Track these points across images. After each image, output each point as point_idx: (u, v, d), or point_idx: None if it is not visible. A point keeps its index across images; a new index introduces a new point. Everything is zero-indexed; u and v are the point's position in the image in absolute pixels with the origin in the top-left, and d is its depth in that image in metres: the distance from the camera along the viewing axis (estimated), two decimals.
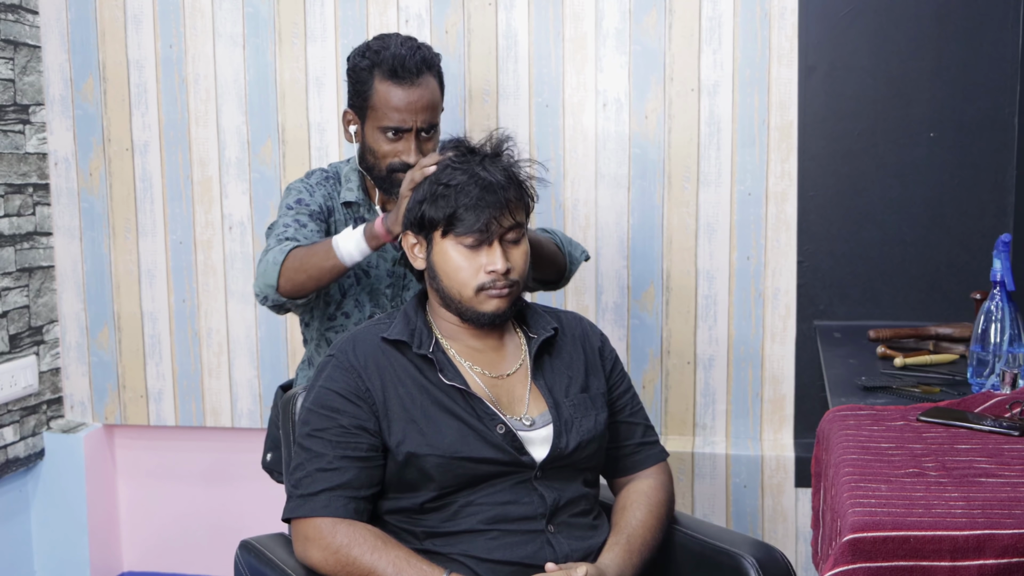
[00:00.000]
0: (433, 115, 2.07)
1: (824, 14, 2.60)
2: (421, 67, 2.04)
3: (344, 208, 2.16)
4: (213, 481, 3.06)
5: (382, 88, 2.04)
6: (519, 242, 1.72)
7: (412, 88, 2.03)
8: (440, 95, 2.09)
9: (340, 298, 2.16)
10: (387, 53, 2.04)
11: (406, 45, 2.06)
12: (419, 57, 2.04)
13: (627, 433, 1.86)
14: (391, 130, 2.05)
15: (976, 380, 1.87)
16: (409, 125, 2.04)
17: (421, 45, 2.09)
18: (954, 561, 1.26)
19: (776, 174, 2.65)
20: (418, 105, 2.04)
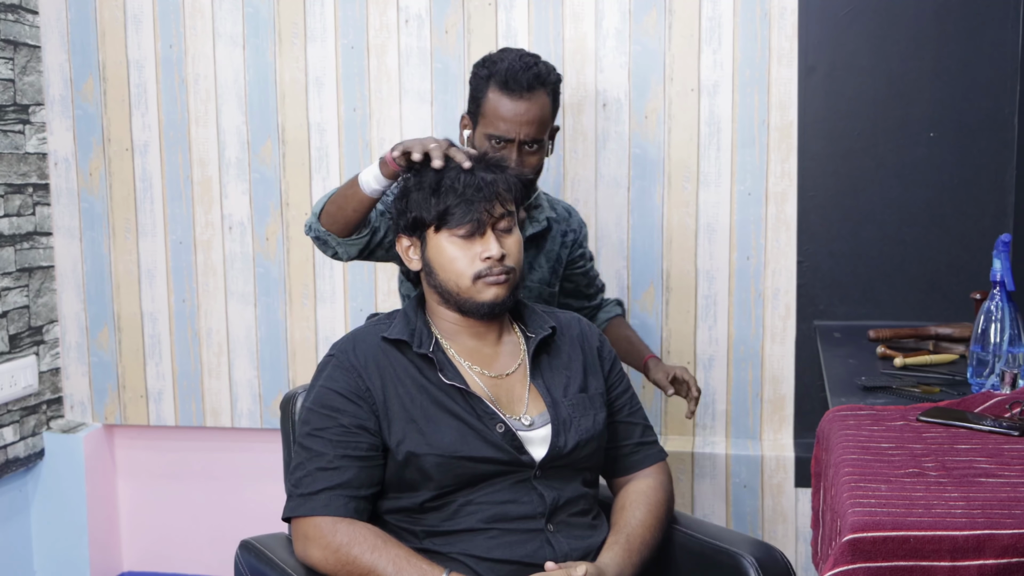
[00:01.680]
0: (539, 130, 2.10)
1: (824, 14, 2.60)
2: (533, 83, 2.08)
3: None
4: (213, 481, 3.06)
5: (493, 98, 2.10)
6: (512, 231, 1.74)
7: (520, 101, 2.08)
8: (550, 113, 2.13)
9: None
10: (503, 65, 2.10)
11: (523, 60, 2.11)
12: (532, 73, 2.09)
13: (626, 433, 1.87)
14: (496, 138, 2.10)
15: (976, 380, 1.87)
16: (512, 136, 2.09)
17: (539, 63, 2.13)
18: (954, 561, 1.26)
19: (776, 174, 2.65)
20: (524, 118, 2.08)
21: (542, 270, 2.27)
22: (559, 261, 2.29)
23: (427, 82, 2.77)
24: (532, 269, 2.26)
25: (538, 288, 2.27)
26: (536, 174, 2.16)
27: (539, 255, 2.26)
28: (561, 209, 2.32)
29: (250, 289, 2.92)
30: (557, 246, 2.29)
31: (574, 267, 2.33)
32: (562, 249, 2.29)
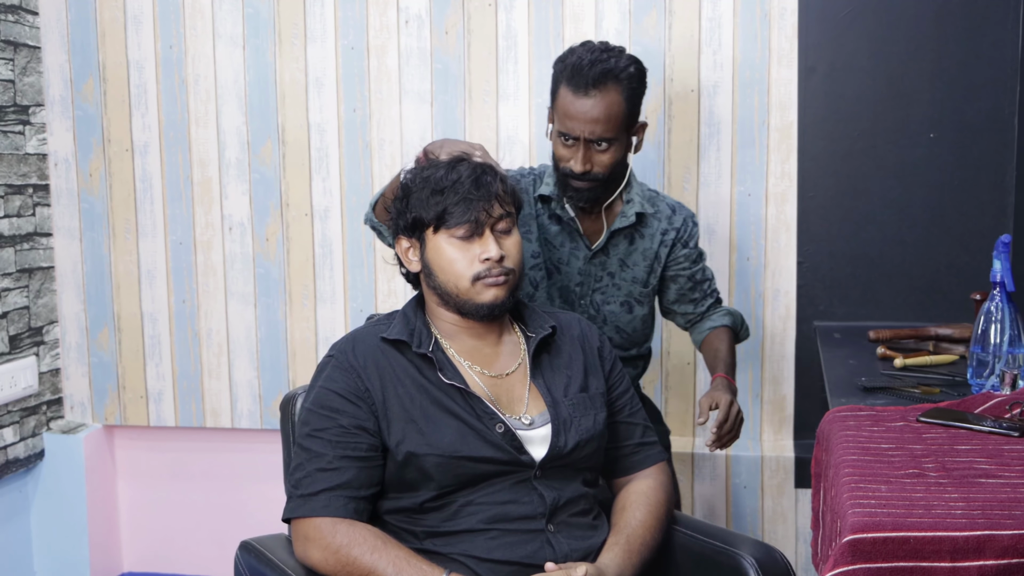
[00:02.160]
0: (608, 129, 2.04)
1: (824, 15, 2.60)
2: (599, 79, 2.01)
3: (538, 201, 2.19)
4: (213, 482, 3.06)
5: (563, 94, 2.05)
6: (511, 232, 1.74)
7: (584, 98, 2.02)
8: (623, 110, 2.05)
9: (532, 291, 2.20)
10: (571, 59, 2.05)
11: (592, 54, 2.04)
12: (598, 70, 2.01)
13: (626, 433, 1.87)
14: (564, 135, 2.07)
15: (976, 381, 1.87)
16: (577, 134, 2.04)
17: (612, 57, 2.04)
18: (954, 562, 1.26)
19: (776, 175, 2.65)
20: (587, 116, 2.02)
21: (636, 268, 2.21)
22: (657, 259, 2.21)
23: (427, 82, 2.77)
24: (624, 267, 2.20)
25: (628, 287, 2.21)
26: (609, 172, 2.09)
27: (632, 252, 2.20)
28: (664, 206, 2.22)
29: (250, 290, 2.92)
30: (656, 244, 2.20)
31: (676, 267, 2.23)
32: (661, 247, 2.21)
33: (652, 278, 2.23)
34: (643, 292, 2.23)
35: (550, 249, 2.20)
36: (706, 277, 2.28)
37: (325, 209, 2.85)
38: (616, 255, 2.20)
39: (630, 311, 2.23)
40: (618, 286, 2.20)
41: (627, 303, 2.22)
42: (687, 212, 2.25)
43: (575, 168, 2.07)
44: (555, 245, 2.20)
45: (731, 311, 2.29)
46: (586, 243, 2.18)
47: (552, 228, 2.19)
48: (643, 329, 2.26)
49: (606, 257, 2.20)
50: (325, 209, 2.85)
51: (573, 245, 2.18)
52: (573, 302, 2.21)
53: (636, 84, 2.08)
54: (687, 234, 2.22)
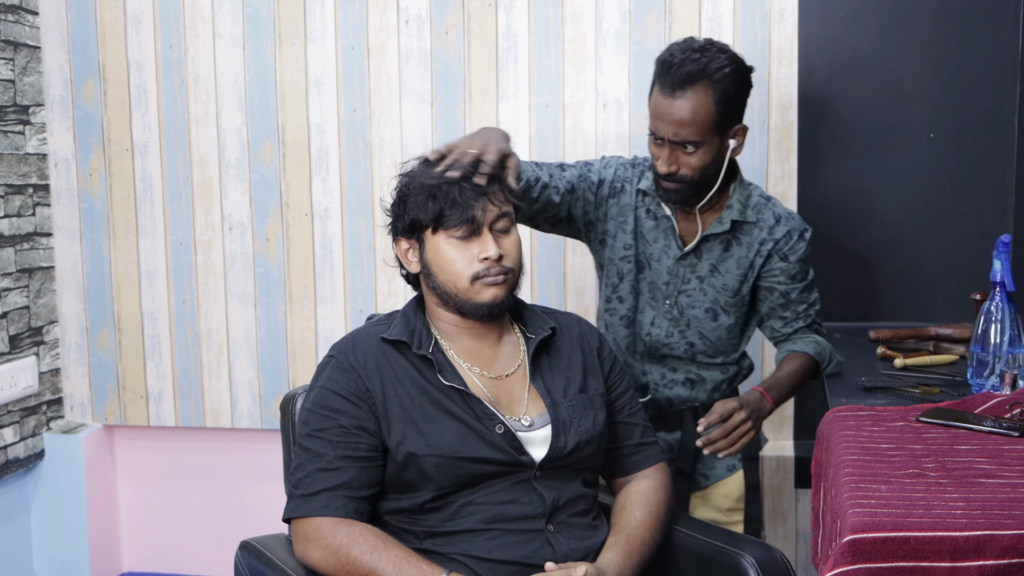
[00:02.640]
0: (692, 131, 1.96)
1: (824, 14, 2.60)
2: (686, 79, 1.94)
3: (638, 194, 2.13)
4: (213, 482, 3.06)
5: (654, 92, 2.00)
6: (509, 232, 1.74)
7: (671, 99, 1.95)
8: (713, 111, 1.96)
9: (618, 281, 2.17)
10: (665, 56, 1.98)
11: (682, 54, 1.96)
12: (686, 70, 1.93)
13: (626, 433, 1.87)
14: (653, 134, 2.01)
15: (976, 381, 1.87)
16: (663, 134, 1.98)
17: (701, 57, 1.95)
18: (954, 562, 1.26)
19: (776, 175, 2.65)
20: (672, 117, 1.95)
21: (728, 275, 2.11)
22: (751, 269, 2.11)
23: (427, 83, 2.77)
24: (715, 272, 2.11)
25: (716, 293, 2.11)
26: (698, 175, 2.01)
27: (727, 259, 2.11)
28: (769, 215, 2.11)
29: (250, 290, 2.92)
30: (752, 253, 2.10)
31: (771, 279, 2.11)
32: (756, 257, 2.10)
33: (744, 287, 2.12)
34: (731, 301, 2.12)
35: (644, 243, 2.14)
36: (804, 300, 2.14)
37: (325, 209, 2.85)
38: (708, 260, 2.11)
39: (715, 318, 2.13)
40: (705, 291, 2.12)
41: (712, 310, 2.12)
42: (795, 224, 2.11)
43: (660, 169, 2.02)
44: (649, 240, 2.14)
45: (820, 342, 2.13)
46: (679, 243, 2.11)
47: (648, 223, 2.13)
48: (728, 339, 2.16)
49: (697, 260, 2.11)
50: (325, 209, 2.85)
51: (666, 243, 2.12)
52: (659, 300, 2.15)
53: (732, 86, 1.98)
54: (788, 247, 2.10)
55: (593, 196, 2.15)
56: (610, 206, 2.15)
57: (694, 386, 2.16)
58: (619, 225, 2.15)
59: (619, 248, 2.15)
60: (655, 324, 2.15)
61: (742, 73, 2.01)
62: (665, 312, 2.14)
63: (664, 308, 2.14)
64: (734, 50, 2.03)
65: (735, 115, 2.02)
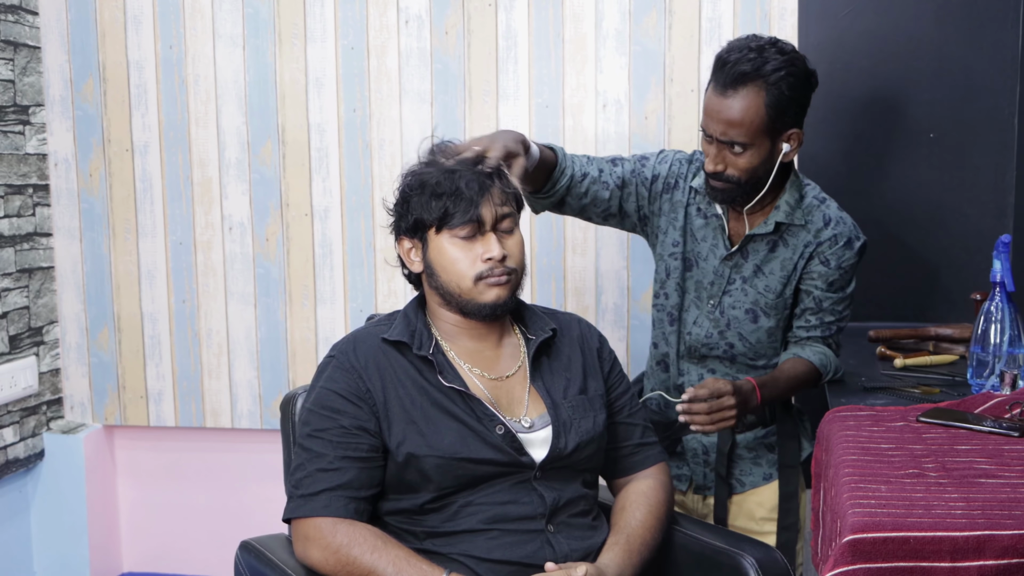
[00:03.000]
0: (741, 133, 1.92)
1: (824, 15, 2.60)
2: (738, 79, 1.90)
3: (690, 191, 2.11)
4: (213, 482, 3.06)
5: (708, 87, 1.98)
6: (513, 232, 1.74)
7: (721, 97, 1.92)
8: (764, 114, 1.91)
9: (665, 278, 2.15)
10: (721, 53, 1.96)
11: (738, 52, 1.93)
12: (739, 69, 1.90)
13: (626, 434, 1.87)
14: (703, 131, 1.99)
15: (976, 381, 1.87)
16: (711, 132, 1.96)
17: (757, 56, 1.91)
18: (954, 562, 1.26)
19: None
20: (721, 116, 1.92)
21: (772, 277, 2.06)
22: (795, 271, 2.06)
23: (427, 83, 2.77)
24: (758, 273, 2.07)
25: (757, 295, 2.07)
26: (747, 177, 1.97)
27: (771, 260, 2.07)
28: (818, 217, 2.05)
29: (250, 290, 2.92)
30: (796, 255, 2.06)
31: (808, 281, 2.06)
32: (800, 259, 2.05)
33: (787, 290, 2.07)
34: (772, 303, 2.08)
35: (692, 241, 2.12)
36: (834, 311, 2.08)
37: (325, 209, 2.85)
38: (754, 260, 2.07)
39: (755, 320, 2.09)
40: (747, 292, 2.08)
41: (752, 311, 2.09)
42: (844, 230, 2.05)
43: (707, 167, 1.99)
44: (697, 238, 2.11)
45: (828, 355, 2.06)
46: (726, 243, 2.08)
47: (697, 220, 2.11)
48: (769, 342, 2.11)
49: (743, 260, 2.08)
50: (325, 209, 2.85)
51: (714, 242, 2.09)
52: (703, 298, 2.12)
53: (788, 89, 1.92)
54: (830, 251, 2.04)
55: (647, 191, 2.13)
56: (663, 201, 2.13)
57: None
58: (670, 221, 2.13)
59: (668, 244, 2.13)
60: (697, 323, 2.12)
61: (800, 77, 1.94)
62: (708, 312, 2.11)
63: (707, 308, 2.11)
64: (798, 51, 1.98)
65: (790, 119, 1.96)
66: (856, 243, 2.06)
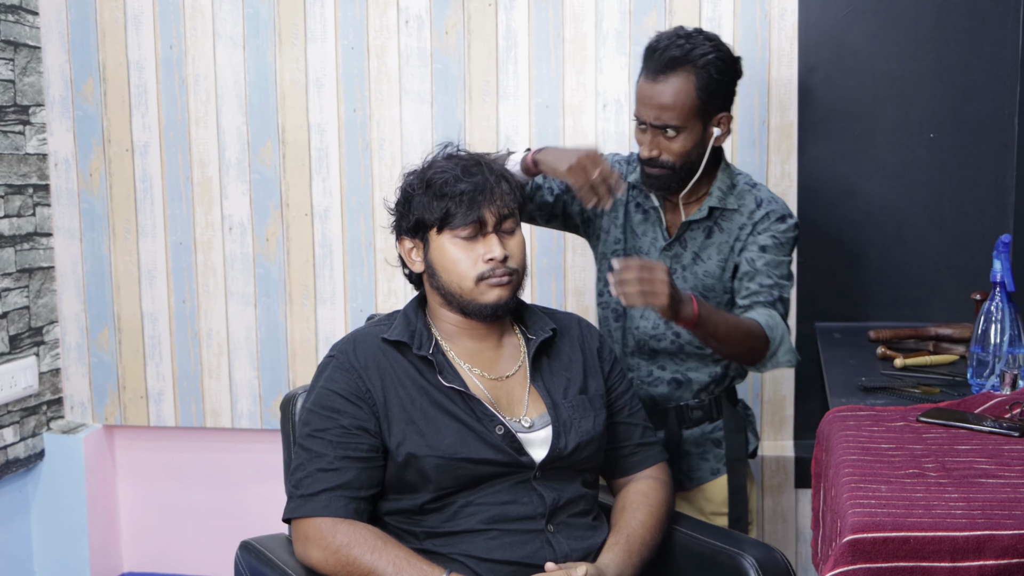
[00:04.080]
0: (676, 116, 1.97)
1: (824, 14, 2.60)
2: (669, 64, 1.96)
3: (629, 188, 2.15)
4: (213, 482, 3.06)
5: (640, 77, 2.03)
6: (514, 232, 1.74)
7: (653, 83, 1.98)
8: (695, 97, 1.97)
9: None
10: (651, 43, 2.02)
11: (667, 40, 1.99)
12: (669, 55, 1.96)
13: (626, 434, 1.87)
14: (637, 119, 2.04)
15: (976, 381, 1.87)
16: (645, 119, 2.01)
17: (685, 43, 1.98)
18: (954, 562, 1.26)
19: (776, 175, 2.65)
20: (653, 101, 1.98)
21: (709, 262, 2.09)
22: (732, 253, 2.09)
23: (427, 83, 2.77)
24: (697, 260, 2.10)
25: (695, 281, 2.09)
26: (681, 161, 2.01)
27: (708, 246, 2.09)
28: (751, 199, 2.09)
29: (250, 290, 2.92)
30: (732, 239, 2.09)
31: (742, 256, 2.08)
32: (736, 241, 2.09)
33: (725, 274, 2.10)
34: (713, 286, 2.10)
35: (633, 237, 2.15)
36: (770, 275, 2.04)
37: (325, 209, 2.85)
38: (692, 248, 2.10)
39: None
40: (687, 280, 2.10)
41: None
42: (776, 208, 2.08)
43: (642, 153, 2.04)
44: (638, 234, 2.15)
45: (776, 318, 1.99)
46: (665, 234, 2.12)
47: (637, 216, 2.15)
48: None
49: (681, 250, 2.11)
50: (325, 209, 2.85)
51: (653, 235, 2.13)
52: None
53: (716, 73, 1.98)
54: (763, 226, 2.06)
55: None
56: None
57: (679, 386, 2.14)
58: (612, 220, 2.17)
59: (611, 242, 2.17)
60: (644, 317, 2.15)
61: (727, 61, 2.01)
62: None
63: None
64: (723, 40, 2.04)
65: (719, 103, 2.02)
66: (789, 220, 2.08)
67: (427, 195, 1.72)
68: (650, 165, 2.03)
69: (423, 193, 1.72)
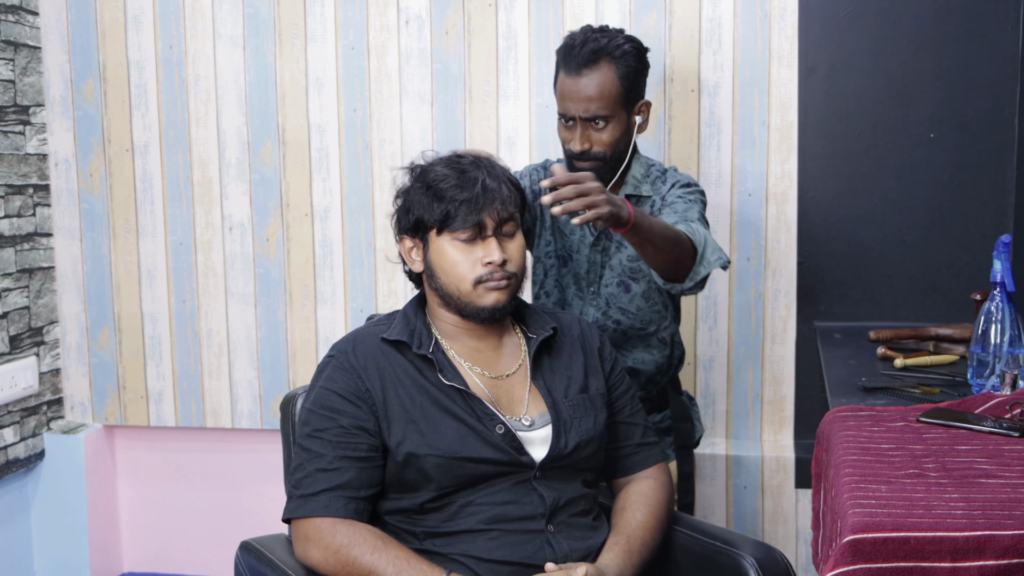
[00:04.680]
0: (602, 106, 2.06)
1: (824, 15, 2.60)
2: (590, 57, 2.05)
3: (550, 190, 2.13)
4: (213, 482, 3.06)
5: (560, 76, 2.10)
6: (514, 235, 1.74)
7: (578, 78, 2.05)
8: (618, 87, 2.06)
9: (543, 277, 2.24)
10: (565, 42, 2.10)
11: (584, 35, 2.08)
12: (589, 48, 2.05)
13: (626, 433, 1.87)
14: (563, 117, 2.10)
15: (976, 381, 1.87)
16: (573, 113, 2.07)
17: (601, 37, 2.08)
18: (954, 562, 1.26)
19: (776, 175, 2.65)
20: (581, 95, 2.05)
21: (629, 247, 2.15)
22: None
23: (427, 83, 2.77)
24: (620, 247, 2.18)
25: (620, 266, 2.17)
26: (611, 151, 2.08)
27: None
28: (662, 185, 2.16)
29: (250, 290, 2.92)
30: None
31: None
32: None
33: None
34: (636, 267, 2.16)
35: (563, 237, 2.22)
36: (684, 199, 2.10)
37: (325, 209, 2.85)
38: (616, 238, 2.18)
39: (627, 290, 2.18)
40: (613, 267, 2.19)
41: (623, 282, 2.19)
42: (680, 179, 2.16)
43: (574, 148, 2.09)
44: (566, 233, 2.21)
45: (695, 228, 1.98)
46: (592, 231, 2.19)
47: (562, 217, 2.15)
48: (649, 307, 2.19)
49: (608, 241, 2.19)
50: (325, 209, 2.85)
51: (581, 233, 2.20)
52: (583, 290, 2.21)
53: (633, 62, 2.10)
54: (672, 198, 2.12)
55: None
56: (534, 208, 2.23)
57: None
58: (542, 224, 2.24)
59: (543, 245, 2.24)
60: (583, 313, 2.20)
61: (640, 51, 2.12)
62: (591, 300, 2.21)
63: (590, 296, 2.21)
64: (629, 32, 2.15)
65: (638, 90, 2.12)
66: (694, 185, 2.16)
67: (427, 196, 1.71)
68: (582, 159, 2.09)
69: (423, 194, 1.72)
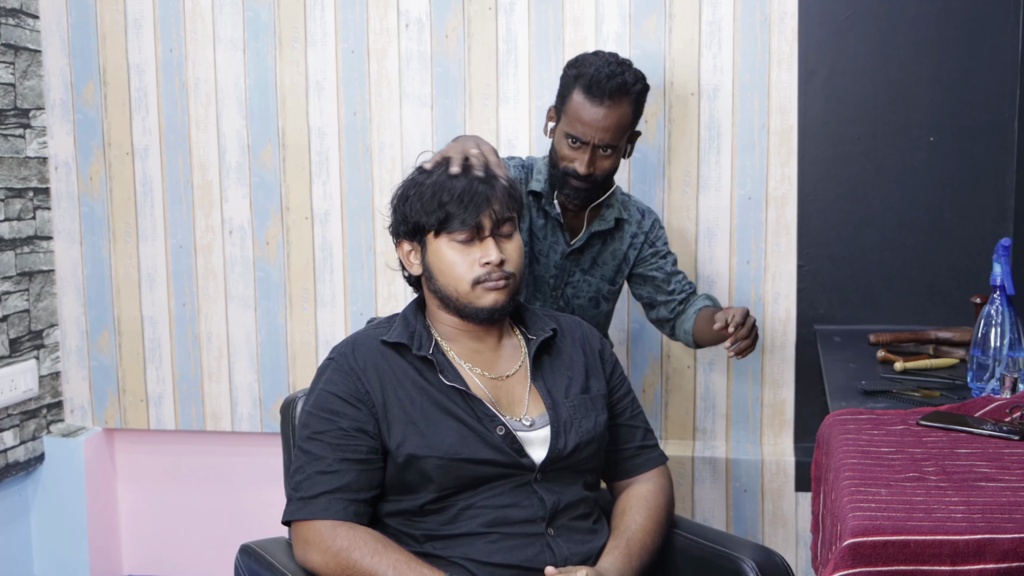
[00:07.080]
0: (615, 137, 2.17)
1: (824, 18, 2.61)
2: (616, 91, 2.15)
3: (530, 196, 2.30)
4: (213, 485, 3.05)
5: (577, 100, 2.17)
6: (512, 236, 1.74)
7: (600, 107, 2.15)
8: (630, 120, 2.20)
9: None
10: (590, 69, 2.17)
11: (610, 67, 2.16)
12: (617, 82, 2.15)
13: (627, 436, 1.87)
14: (573, 138, 2.18)
15: (976, 384, 1.87)
16: (588, 139, 2.17)
17: (627, 71, 2.18)
18: (954, 566, 1.26)
19: (776, 178, 2.65)
20: (601, 124, 2.15)
21: (605, 267, 2.35)
22: (626, 260, 2.36)
23: (427, 86, 2.77)
24: (595, 265, 2.34)
25: (597, 284, 2.35)
26: (607, 176, 2.23)
27: (604, 252, 2.34)
28: (635, 211, 2.37)
29: (250, 293, 2.92)
30: (625, 246, 2.35)
31: (647, 265, 2.36)
32: (630, 249, 2.35)
33: (619, 277, 2.37)
34: (610, 290, 2.37)
35: (535, 240, 2.31)
36: (677, 271, 2.38)
37: (325, 212, 2.85)
38: (590, 254, 2.33)
39: (597, 306, 2.37)
40: (588, 283, 2.34)
41: (595, 299, 2.36)
42: (654, 216, 2.39)
43: (580, 170, 2.19)
44: (539, 237, 2.31)
45: (709, 295, 2.36)
46: (566, 239, 2.30)
47: (539, 221, 2.30)
48: (605, 322, 2.42)
49: (580, 255, 2.32)
50: (325, 212, 2.85)
51: (554, 239, 2.30)
52: (545, 292, 2.33)
53: (642, 98, 2.23)
54: (654, 236, 2.37)
55: None
56: None
57: None
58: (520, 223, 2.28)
59: None
60: None
61: (647, 89, 2.25)
62: (551, 303, 2.33)
63: (551, 300, 2.34)
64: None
65: (637, 123, 2.26)
66: (660, 222, 2.41)
67: (424, 199, 1.72)
68: (581, 180, 2.19)
69: (420, 197, 1.73)
